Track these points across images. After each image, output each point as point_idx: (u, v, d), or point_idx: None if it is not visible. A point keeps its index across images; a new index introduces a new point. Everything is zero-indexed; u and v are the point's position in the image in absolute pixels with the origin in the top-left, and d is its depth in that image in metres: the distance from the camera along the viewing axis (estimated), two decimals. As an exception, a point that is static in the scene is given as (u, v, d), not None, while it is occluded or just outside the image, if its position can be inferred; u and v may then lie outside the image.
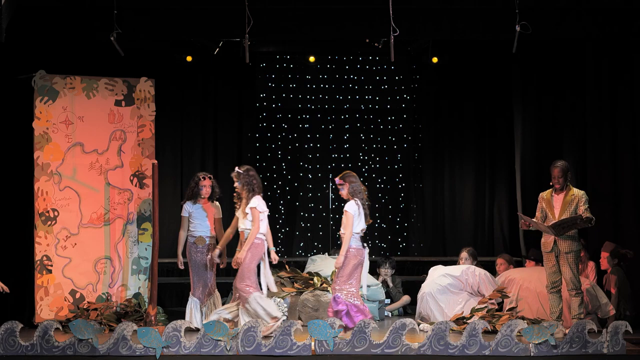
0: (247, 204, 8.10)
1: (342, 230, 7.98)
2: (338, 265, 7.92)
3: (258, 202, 8.08)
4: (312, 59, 12.11)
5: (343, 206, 7.97)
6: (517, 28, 8.43)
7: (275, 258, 8.22)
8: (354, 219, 7.85)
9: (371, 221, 8.15)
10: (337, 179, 8.05)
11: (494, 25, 9.23)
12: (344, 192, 7.97)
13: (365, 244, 8.00)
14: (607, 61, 10.06)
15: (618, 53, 9.93)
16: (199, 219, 8.83)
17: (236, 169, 8.28)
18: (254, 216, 8.03)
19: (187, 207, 8.86)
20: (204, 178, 8.88)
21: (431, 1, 9.21)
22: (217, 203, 9.00)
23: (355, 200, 7.92)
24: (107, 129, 9.54)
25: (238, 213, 8.27)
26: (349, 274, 7.93)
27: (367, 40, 11.09)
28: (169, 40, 10.90)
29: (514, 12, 8.48)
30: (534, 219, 8.52)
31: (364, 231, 7.99)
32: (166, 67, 11.33)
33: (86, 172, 9.37)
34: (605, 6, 9.21)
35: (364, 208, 7.94)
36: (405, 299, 10.38)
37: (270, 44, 11.81)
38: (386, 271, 10.51)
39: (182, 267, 8.93)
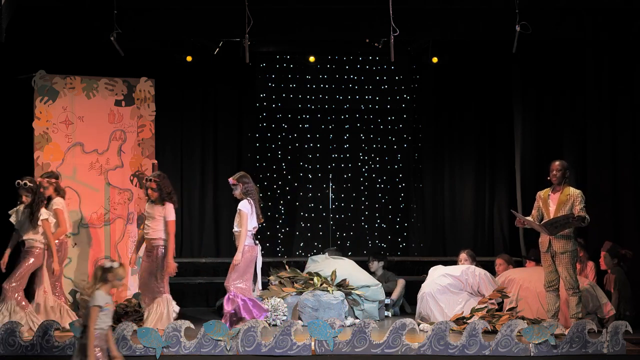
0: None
1: (235, 229, 8.31)
2: (237, 262, 8.20)
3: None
4: (312, 59, 12.11)
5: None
6: (517, 28, 8.43)
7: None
8: (248, 217, 8.22)
9: (263, 220, 8.61)
10: (230, 180, 8.42)
11: (494, 25, 9.23)
12: (237, 192, 8.37)
13: (256, 241, 8.40)
14: (607, 61, 10.06)
15: (618, 53, 9.93)
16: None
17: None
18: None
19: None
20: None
21: (431, 1, 9.22)
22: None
23: (248, 200, 8.31)
24: (107, 129, 9.54)
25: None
26: (243, 271, 8.26)
27: (367, 40, 11.09)
28: (169, 40, 10.89)
29: (514, 12, 8.48)
30: (528, 217, 8.53)
31: (256, 229, 8.41)
32: (166, 67, 11.32)
33: (86, 172, 9.38)
34: (605, 6, 9.22)
35: (256, 207, 8.37)
36: (402, 282, 10.37)
37: (270, 44, 11.80)
38: (372, 264, 10.55)
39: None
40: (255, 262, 8.45)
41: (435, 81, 12.17)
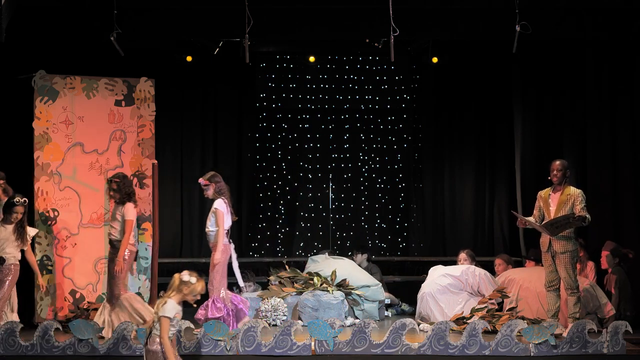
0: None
1: (210, 228, 8.30)
2: (218, 261, 8.19)
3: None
4: (312, 59, 12.11)
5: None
6: (517, 28, 8.43)
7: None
8: (224, 216, 8.25)
9: (236, 218, 8.63)
10: (202, 180, 8.44)
11: (494, 25, 9.23)
12: (209, 192, 8.39)
13: (230, 240, 8.37)
14: (607, 61, 10.07)
15: (618, 53, 9.94)
16: None
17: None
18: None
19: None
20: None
21: (431, 1, 9.22)
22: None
23: (222, 199, 8.32)
24: (107, 129, 9.54)
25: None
26: (223, 270, 8.27)
27: (367, 40, 11.09)
28: (169, 40, 10.89)
29: (514, 12, 8.48)
30: (529, 218, 8.53)
31: (230, 227, 8.39)
32: (166, 67, 11.33)
33: (86, 172, 9.37)
34: (605, 6, 9.21)
35: (229, 206, 8.37)
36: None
37: (270, 44, 11.81)
38: (356, 257, 10.56)
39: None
40: (231, 261, 8.44)
41: (435, 81, 12.17)
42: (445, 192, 12.16)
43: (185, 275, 6.45)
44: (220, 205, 8.30)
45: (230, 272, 8.39)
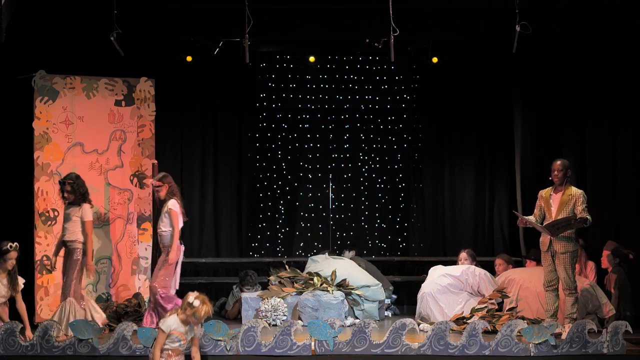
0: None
1: (164, 228, 8.36)
2: (173, 261, 8.29)
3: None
4: (312, 59, 12.10)
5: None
6: (517, 28, 8.43)
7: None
8: (178, 216, 8.36)
9: (187, 219, 8.73)
10: (154, 181, 8.51)
11: (494, 25, 9.23)
12: (162, 193, 8.46)
13: (181, 241, 8.47)
14: (607, 61, 10.07)
15: (618, 53, 9.94)
16: None
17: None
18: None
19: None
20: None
21: (431, 1, 9.22)
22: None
23: (175, 199, 8.42)
24: (107, 129, 9.54)
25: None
26: (172, 270, 8.34)
27: (367, 40, 11.09)
28: (169, 40, 10.89)
29: (514, 12, 8.48)
30: (530, 218, 8.53)
31: (182, 227, 8.52)
32: (166, 67, 11.32)
33: (86, 172, 9.37)
34: (605, 6, 9.21)
35: (182, 207, 8.48)
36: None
37: (270, 44, 11.80)
38: (344, 255, 10.56)
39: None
40: (177, 262, 8.51)
41: (435, 81, 12.16)
42: (445, 192, 12.15)
43: (191, 297, 6.47)
44: (174, 206, 8.38)
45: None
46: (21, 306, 7.91)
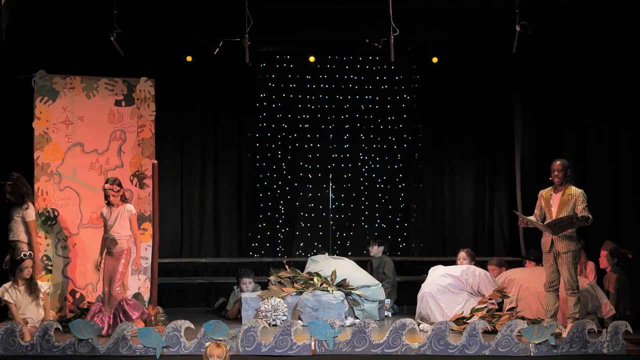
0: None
1: (120, 233, 8.44)
2: (139, 266, 8.66)
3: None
4: (312, 59, 12.11)
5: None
6: (517, 28, 8.43)
7: None
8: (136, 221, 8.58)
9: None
10: (111, 186, 8.52)
11: (494, 25, 9.23)
12: (117, 198, 8.52)
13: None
14: (607, 61, 10.07)
15: (618, 53, 9.93)
16: None
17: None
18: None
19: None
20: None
21: (431, 1, 9.22)
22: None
23: (130, 203, 8.73)
24: (107, 129, 9.54)
25: None
26: (126, 274, 8.52)
27: (367, 40, 11.09)
28: (169, 40, 10.89)
29: (514, 12, 8.48)
30: (531, 217, 8.53)
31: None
32: (166, 67, 11.33)
33: (86, 172, 9.37)
34: (605, 6, 9.21)
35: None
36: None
37: (270, 44, 11.81)
38: (372, 248, 10.54)
39: None
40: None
41: (435, 81, 12.17)
42: (445, 192, 12.16)
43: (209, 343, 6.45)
44: (133, 210, 8.57)
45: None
46: (39, 313, 8.08)
